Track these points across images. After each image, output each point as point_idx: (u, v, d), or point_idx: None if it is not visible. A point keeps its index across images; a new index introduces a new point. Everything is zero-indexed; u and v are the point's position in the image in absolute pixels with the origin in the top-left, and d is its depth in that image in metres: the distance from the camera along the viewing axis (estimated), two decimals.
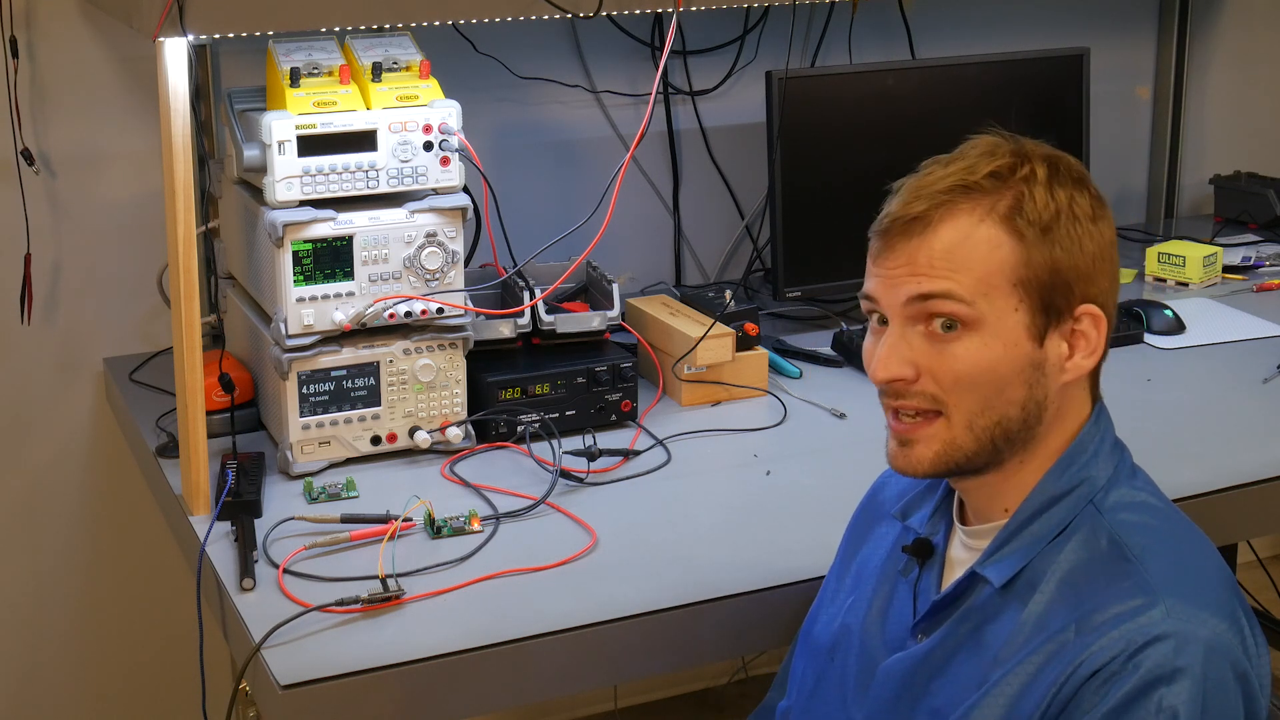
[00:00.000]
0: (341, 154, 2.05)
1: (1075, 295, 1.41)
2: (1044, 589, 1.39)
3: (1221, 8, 3.38)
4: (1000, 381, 1.40)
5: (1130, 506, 1.43)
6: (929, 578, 1.52)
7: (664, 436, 2.24)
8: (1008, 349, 1.39)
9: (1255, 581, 3.30)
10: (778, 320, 2.74)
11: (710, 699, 3.25)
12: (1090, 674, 1.31)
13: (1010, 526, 1.44)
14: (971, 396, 1.40)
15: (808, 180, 2.69)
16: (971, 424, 1.41)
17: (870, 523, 1.66)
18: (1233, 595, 1.39)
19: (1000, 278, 1.39)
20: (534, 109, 2.82)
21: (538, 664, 1.72)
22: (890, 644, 1.53)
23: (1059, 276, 1.40)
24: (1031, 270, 1.39)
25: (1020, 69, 2.86)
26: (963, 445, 1.42)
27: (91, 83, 2.54)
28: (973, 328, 1.39)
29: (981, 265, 1.39)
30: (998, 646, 1.40)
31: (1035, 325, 1.40)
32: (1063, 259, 1.40)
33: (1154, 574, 1.35)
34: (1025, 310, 1.39)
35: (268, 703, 1.66)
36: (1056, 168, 1.43)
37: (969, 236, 1.39)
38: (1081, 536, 1.41)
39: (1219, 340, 2.61)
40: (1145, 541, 1.39)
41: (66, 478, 2.68)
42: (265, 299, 2.16)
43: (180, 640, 2.45)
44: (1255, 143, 3.47)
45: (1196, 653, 1.30)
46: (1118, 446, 1.48)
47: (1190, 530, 1.45)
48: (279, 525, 1.93)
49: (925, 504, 1.58)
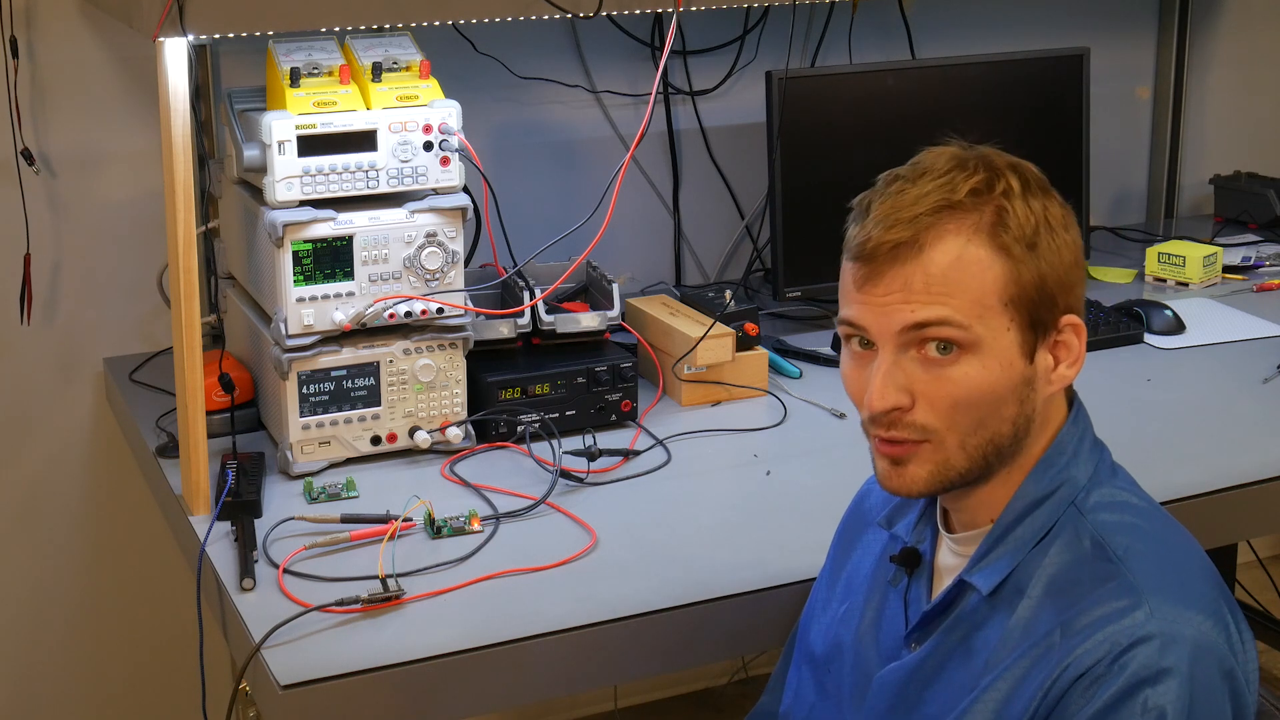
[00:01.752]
0: (341, 154, 2.05)
1: (1059, 307, 1.40)
2: (1030, 593, 1.39)
3: (1221, 8, 3.38)
4: (997, 402, 1.38)
5: (1112, 506, 1.42)
6: (918, 586, 1.52)
7: (664, 436, 2.24)
8: (1004, 369, 1.38)
9: (1255, 581, 3.29)
10: (778, 320, 2.74)
11: (710, 699, 3.24)
12: (1077, 676, 1.31)
13: (995, 532, 1.43)
14: (966, 418, 1.38)
15: (808, 180, 2.69)
16: (964, 443, 1.39)
17: (857, 531, 1.66)
18: (1217, 592, 1.38)
19: (993, 298, 1.37)
20: (534, 109, 2.82)
21: (538, 664, 1.72)
22: (884, 654, 1.53)
23: (1045, 291, 1.39)
24: (1020, 288, 1.38)
25: (1020, 69, 2.86)
26: (956, 464, 1.40)
27: (91, 83, 2.54)
28: (970, 350, 1.37)
29: (976, 287, 1.36)
30: (987, 653, 1.40)
31: (1026, 342, 1.39)
32: (1048, 273, 1.39)
33: (1137, 574, 1.35)
34: (1016, 328, 1.38)
35: (268, 703, 1.66)
36: (1025, 179, 1.41)
37: (960, 258, 1.36)
38: (1065, 540, 1.40)
39: (1219, 340, 2.61)
40: (1128, 541, 1.38)
41: (66, 478, 2.68)
42: (265, 299, 2.16)
43: (180, 640, 2.45)
44: (1255, 143, 3.47)
45: (1182, 652, 1.30)
46: (1097, 445, 1.47)
47: (1173, 527, 1.44)
48: (279, 525, 1.93)
49: (910, 511, 1.57)
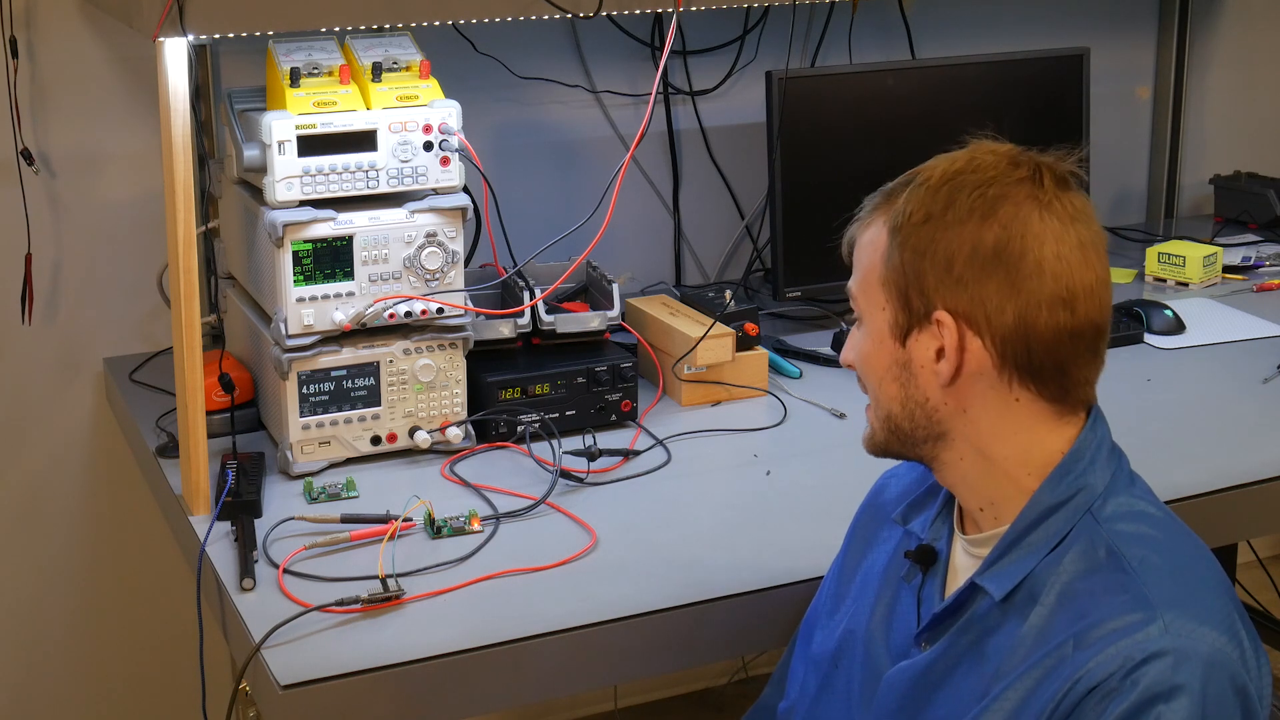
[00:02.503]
0: (341, 154, 2.05)
1: (930, 298, 1.41)
2: (1044, 601, 1.38)
3: (1221, 8, 3.38)
4: (877, 375, 1.48)
5: (1128, 516, 1.41)
6: (932, 585, 1.52)
7: (664, 436, 2.24)
8: (877, 345, 1.47)
9: (1255, 581, 3.29)
10: (778, 320, 2.74)
11: (710, 699, 3.24)
12: (1089, 689, 1.30)
13: (1009, 537, 1.42)
14: (868, 385, 1.50)
15: (808, 180, 2.69)
16: (875, 411, 1.50)
17: (874, 526, 1.65)
18: (1231, 606, 1.37)
19: (874, 274, 1.46)
20: (534, 109, 2.82)
21: (537, 664, 1.72)
22: (894, 652, 1.52)
23: (911, 277, 1.41)
24: (889, 269, 1.43)
25: (1020, 69, 2.86)
26: (875, 431, 1.51)
27: (91, 83, 2.54)
28: (862, 322, 1.49)
29: (866, 262, 1.47)
30: (999, 660, 1.39)
31: (898, 324, 1.44)
32: (912, 261, 1.41)
33: (1152, 587, 1.34)
34: (891, 309, 1.44)
35: (268, 703, 1.66)
36: (938, 175, 1.42)
37: (872, 235, 1.47)
38: (1080, 548, 1.39)
39: (1219, 340, 2.61)
40: (1143, 553, 1.37)
41: (66, 478, 2.68)
42: (265, 299, 2.16)
43: (180, 640, 2.45)
44: (1255, 143, 3.47)
45: (1195, 669, 1.29)
46: (1115, 453, 1.46)
47: (1189, 539, 1.43)
48: (279, 525, 1.93)
49: (927, 508, 1.57)
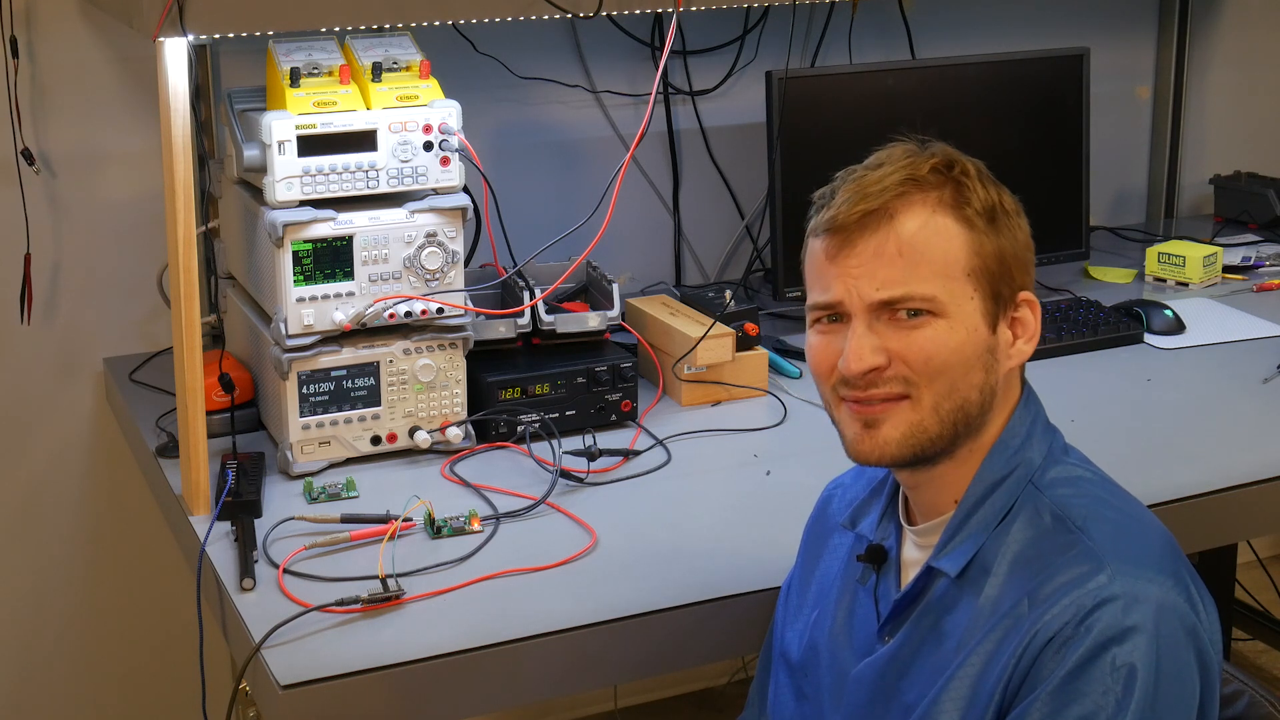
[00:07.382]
0: (341, 154, 2.05)
1: (1016, 283, 1.47)
2: (996, 571, 1.42)
3: (1221, 8, 3.38)
4: (965, 365, 1.44)
5: (1068, 481, 1.47)
6: (887, 582, 1.54)
7: (664, 436, 2.24)
8: (969, 333, 1.44)
9: (1255, 581, 3.30)
10: (778, 320, 2.74)
11: (710, 699, 3.24)
12: (1046, 641, 1.35)
13: (958, 516, 1.47)
14: (941, 380, 1.44)
15: (808, 180, 2.65)
16: (937, 407, 1.44)
17: (822, 537, 1.68)
18: (1175, 557, 1.42)
19: (957, 267, 1.44)
20: (534, 109, 2.82)
21: (537, 664, 1.72)
22: (859, 651, 1.54)
23: (1004, 265, 1.46)
24: (982, 259, 1.45)
25: (1020, 69, 2.86)
26: (929, 428, 1.45)
27: (91, 83, 2.54)
28: (938, 315, 1.44)
29: (940, 254, 1.44)
30: (958, 634, 1.43)
31: (989, 312, 1.45)
32: (1006, 249, 1.46)
33: (1098, 540, 1.39)
34: (979, 298, 1.44)
35: (268, 703, 1.66)
36: (979, 167, 1.49)
37: (926, 224, 1.44)
38: (1025, 516, 1.44)
39: (1219, 340, 2.61)
40: (1086, 511, 1.42)
41: (66, 478, 2.68)
42: (265, 299, 2.16)
43: (180, 640, 2.45)
44: (1255, 143, 3.47)
45: (1147, 611, 1.33)
46: (1049, 428, 1.52)
47: (1128, 499, 1.48)
48: (279, 525, 1.93)
49: (872, 509, 1.60)
